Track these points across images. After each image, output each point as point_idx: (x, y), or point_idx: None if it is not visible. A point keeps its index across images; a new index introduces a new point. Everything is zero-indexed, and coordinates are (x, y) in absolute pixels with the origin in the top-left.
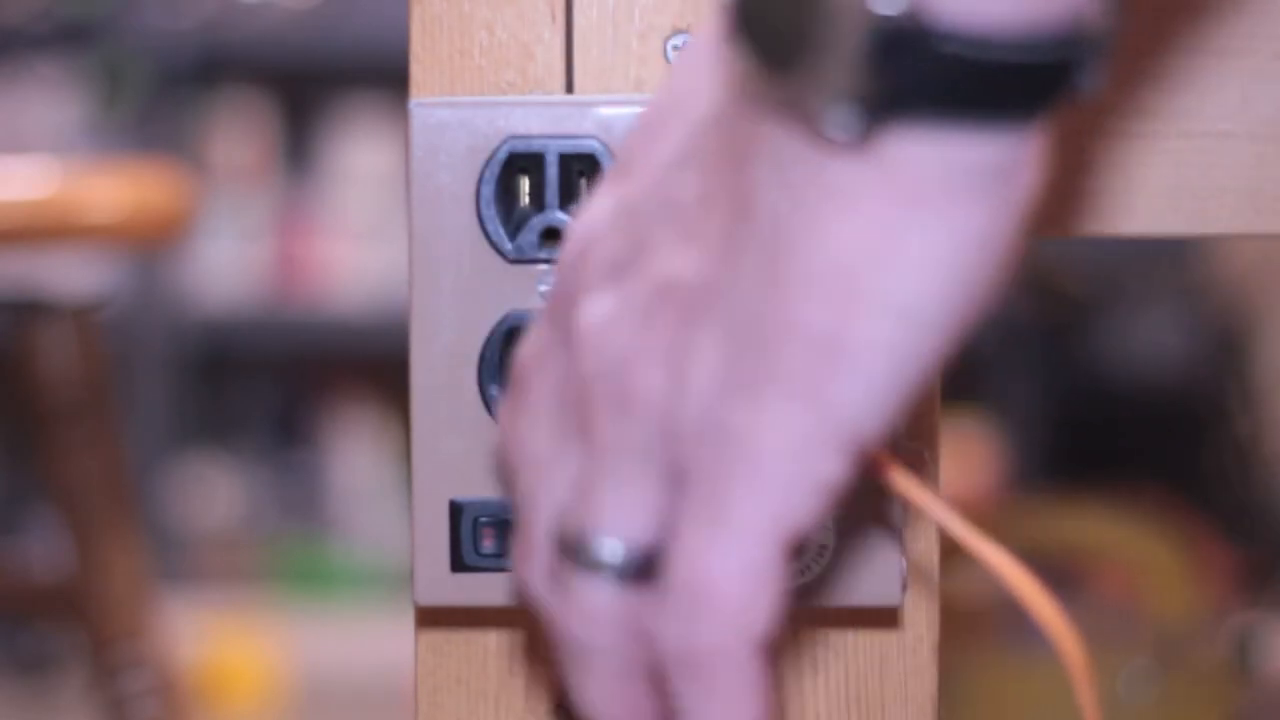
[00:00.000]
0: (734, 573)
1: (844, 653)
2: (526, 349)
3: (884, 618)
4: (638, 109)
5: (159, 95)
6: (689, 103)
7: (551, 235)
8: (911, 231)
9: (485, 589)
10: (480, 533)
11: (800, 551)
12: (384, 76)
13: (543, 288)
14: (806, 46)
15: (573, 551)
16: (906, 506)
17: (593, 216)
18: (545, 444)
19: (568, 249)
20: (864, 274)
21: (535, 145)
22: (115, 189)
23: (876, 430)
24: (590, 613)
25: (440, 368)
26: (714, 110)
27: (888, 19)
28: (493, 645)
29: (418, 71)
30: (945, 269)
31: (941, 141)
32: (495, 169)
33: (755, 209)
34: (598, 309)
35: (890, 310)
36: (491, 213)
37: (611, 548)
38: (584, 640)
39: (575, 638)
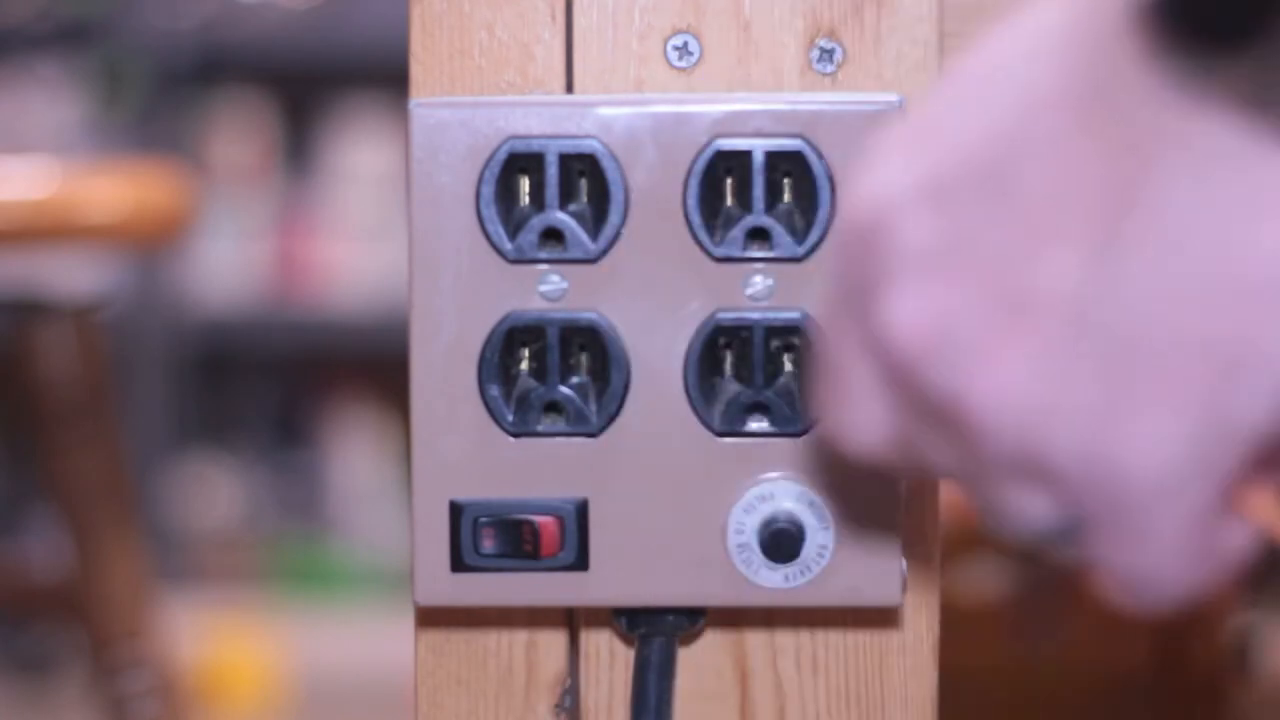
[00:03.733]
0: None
1: (844, 653)
2: (825, 324)
3: (884, 618)
4: (638, 109)
5: (159, 95)
6: (1021, 75)
7: (551, 235)
8: None
9: (485, 589)
10: (480, 533)
11: (801, 551)
12: (384, 76)
13: (543, 288)
14: (1273, 28)
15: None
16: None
17: (888, 184)
18: (884, 433)
19: (853, 216)
20: None
21: (535, 145)
22: (115, 189)
23: (1265, 443)
24: None
25: (440, 368)
26: (1069, 88)
27: None
28: (493, 645)
29: (418, 71)
30: None
31: None
32: (495, 169)
33: (1148, 208)
34: (912, 307)
35: None
36: (491, 213)
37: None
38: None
39: None
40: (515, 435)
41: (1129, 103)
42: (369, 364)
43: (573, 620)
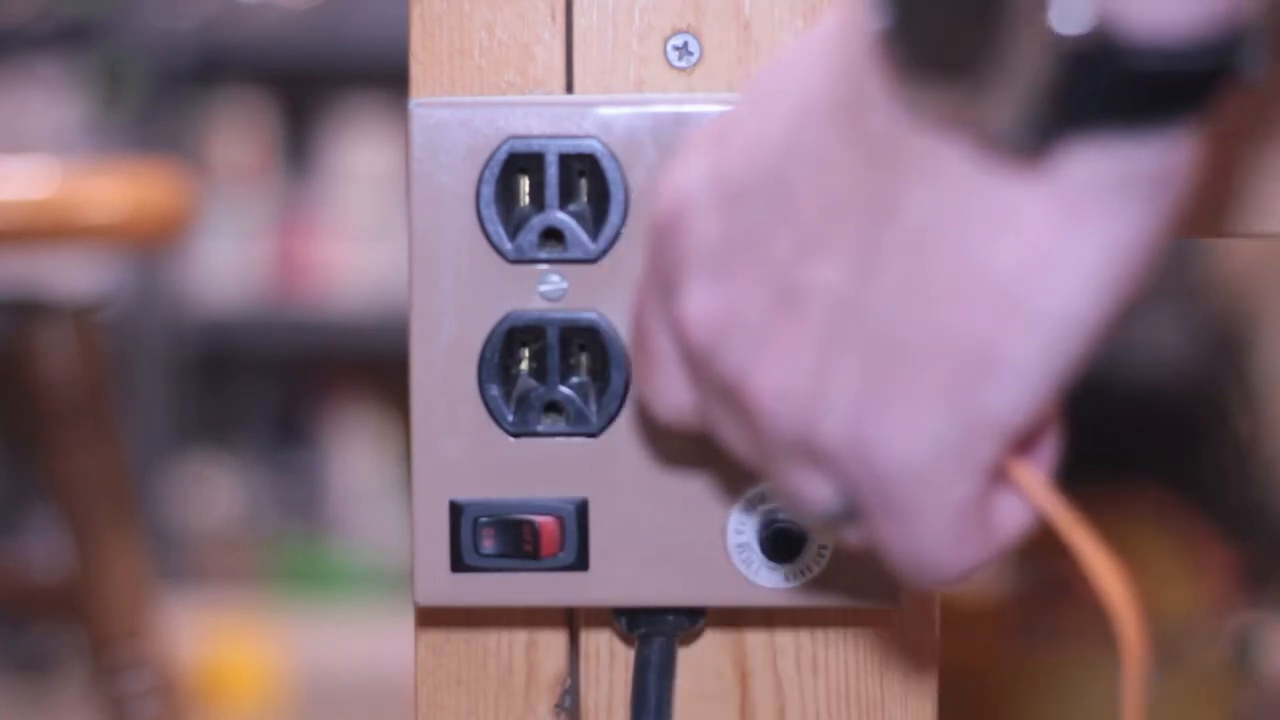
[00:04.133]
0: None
1: (844, 653)
2: (637, 299)
3: (884, 618)
4: (638, 109)
5: (159, 95)
6: (799, 84)
7: (551, 235)
8: (1073, 245)
9: (485, 589)
10: (480, 533)
11: (801, 551)
12: (384, 76)
13: (543, 288)
14: (980, 63)
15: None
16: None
17: (688, 180)
18: (687, 399)
19: (661, 207)
20: (1022, 290)
21: (535, 145)
22: (115, 189)
23: (1017, 435)
24: None
25: (440, 368)
26: (831, 101)
27: (1074, 38)
28: (493, 645)
29: (418, 71)
30: (1103, 278)
31: (1108, 153)
32: (495, 169)
33: (900, 219)
34: (702, 300)
35: (1045, 323)
36: (491, 213)
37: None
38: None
39: None
40: (515, 435)
41: (876, 120)
42: (369, 364)
43: (573, 620)
